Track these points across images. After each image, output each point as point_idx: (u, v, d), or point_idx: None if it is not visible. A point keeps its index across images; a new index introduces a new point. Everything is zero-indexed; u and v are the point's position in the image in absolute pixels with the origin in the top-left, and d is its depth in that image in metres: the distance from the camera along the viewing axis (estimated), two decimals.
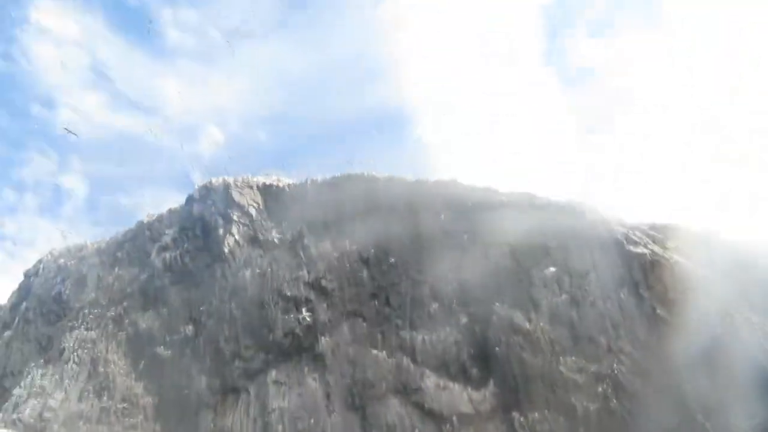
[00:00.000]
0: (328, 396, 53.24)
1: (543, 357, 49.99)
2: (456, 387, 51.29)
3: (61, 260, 77.57)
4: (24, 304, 74.11)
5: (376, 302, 57.77)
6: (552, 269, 54.86)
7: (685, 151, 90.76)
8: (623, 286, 52.13)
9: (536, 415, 46.94)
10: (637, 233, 57.82)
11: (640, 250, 54.48)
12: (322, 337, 56.56)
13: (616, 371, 47.60)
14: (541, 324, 51.95)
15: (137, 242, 72.34)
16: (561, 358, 49.80)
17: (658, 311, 49.24)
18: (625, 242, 55.17)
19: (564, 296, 53.24)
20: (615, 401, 45.60)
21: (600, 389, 47.11)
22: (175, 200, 75.83)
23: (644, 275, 51.93)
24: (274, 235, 64.92)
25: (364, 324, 56.80)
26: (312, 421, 51.73)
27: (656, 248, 54.57)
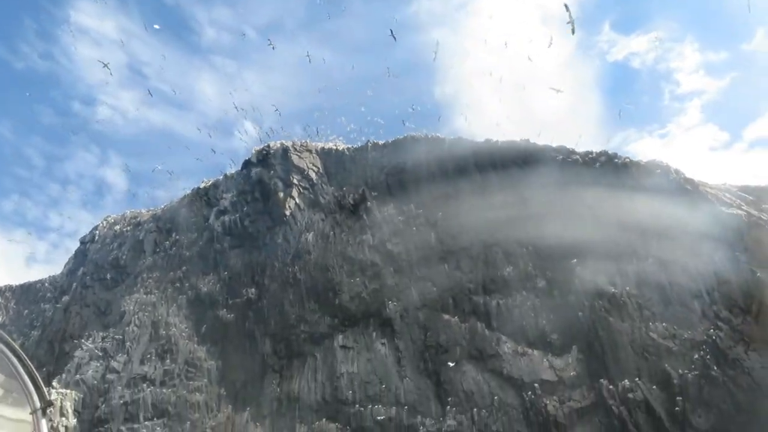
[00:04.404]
0: (399, 361, 51.00)
1: (631, 323, 46.86)
2: (536, 353, 48.56)
3: (117, 227, 76.87)
4: (81, 269, 73.64)
5: (446, 266, 55.16)
6: (636, 230, 51.51)
7: None
8: (717, 249, 48.48)
9: (627, 382, 43.86)
10: (728, 195, 54.14)
11: (733, 211, 50.79)
12: (390, 302, 54.28)
13: (714, 338, 44.21)
14: (627, 288, 48.78)
15: (194, 207, 71.03)
16: (651, 323, 46.66)
17: (759, 274, 45.41)
18: (716, 202, 51.57)
19: (651, 260, 49.92)
20: (716, 368, 42.11)
21: (697, 356, 43.82)
22: None
23: (740, 237, 48.17)
24: (336, 199, 62.76)
25: (434, 288, 54.25)
26: (383, 386, 49.51)
27: (751, 210, 50.80)
